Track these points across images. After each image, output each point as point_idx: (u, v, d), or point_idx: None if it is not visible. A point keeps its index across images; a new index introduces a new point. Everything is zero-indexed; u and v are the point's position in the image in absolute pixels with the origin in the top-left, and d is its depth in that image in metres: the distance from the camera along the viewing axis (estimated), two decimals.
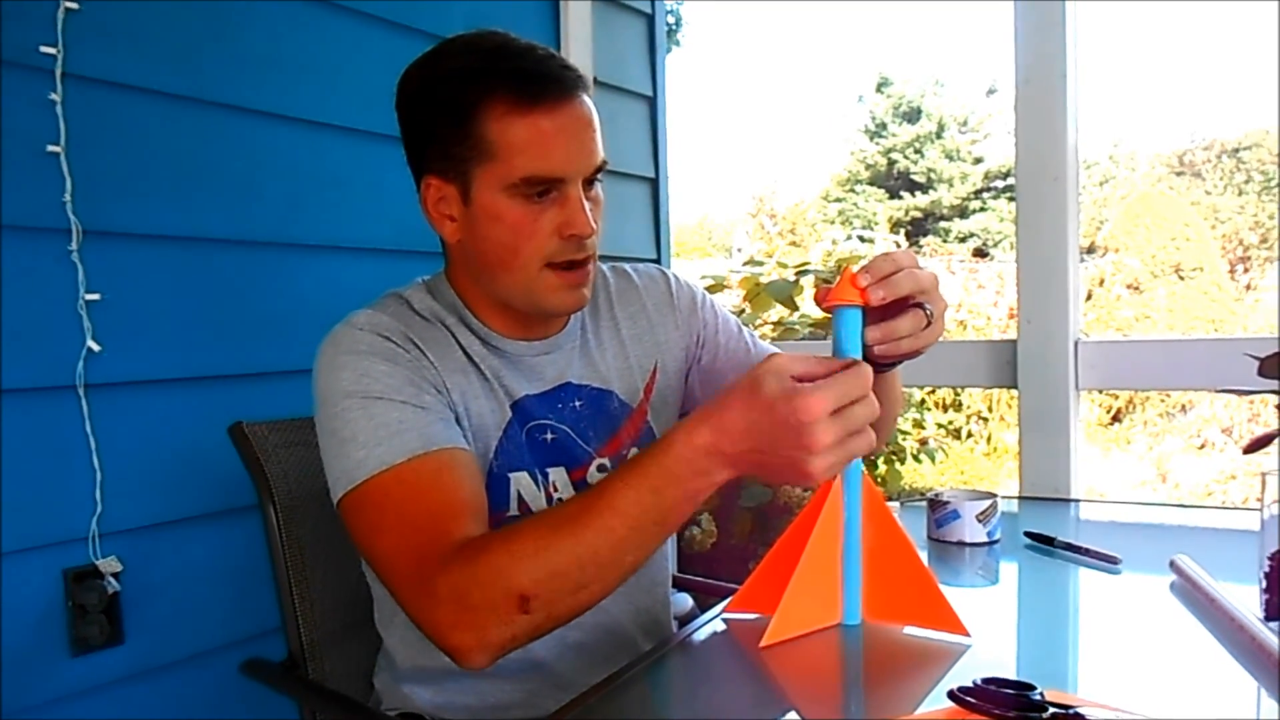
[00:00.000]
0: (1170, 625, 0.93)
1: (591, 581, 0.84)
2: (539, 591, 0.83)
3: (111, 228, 1.43)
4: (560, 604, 0.84)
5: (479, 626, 0.84)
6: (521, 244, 1.00)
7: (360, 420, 0.94)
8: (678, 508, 0.83)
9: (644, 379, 1.19)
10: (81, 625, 1.39)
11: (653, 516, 0.83)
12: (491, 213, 1.00)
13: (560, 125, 0.98)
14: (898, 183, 19.08)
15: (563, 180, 0.99)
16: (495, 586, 0.83)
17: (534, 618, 0.84)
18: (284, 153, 1.68)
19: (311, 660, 1.21)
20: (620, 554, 0.84)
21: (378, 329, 1.01)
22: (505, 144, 0.97)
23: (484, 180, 0.99)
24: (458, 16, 1.93)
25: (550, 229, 1.00)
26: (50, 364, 1.37)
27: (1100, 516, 1.58)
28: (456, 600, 0.84)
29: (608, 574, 0.85)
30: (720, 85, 34.58)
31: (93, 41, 1.40)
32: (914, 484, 4.73)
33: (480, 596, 0.83)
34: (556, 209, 1.00)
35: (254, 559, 1.30)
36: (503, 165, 0.98)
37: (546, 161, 0.98)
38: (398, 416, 0.95)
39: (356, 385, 0.96)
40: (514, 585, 0.83)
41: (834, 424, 0.77)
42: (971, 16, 30.22)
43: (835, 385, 0.77)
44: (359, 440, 0.94)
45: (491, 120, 0.97)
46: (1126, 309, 8.92)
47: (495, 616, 0.83)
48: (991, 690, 0.69)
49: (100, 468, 1.41)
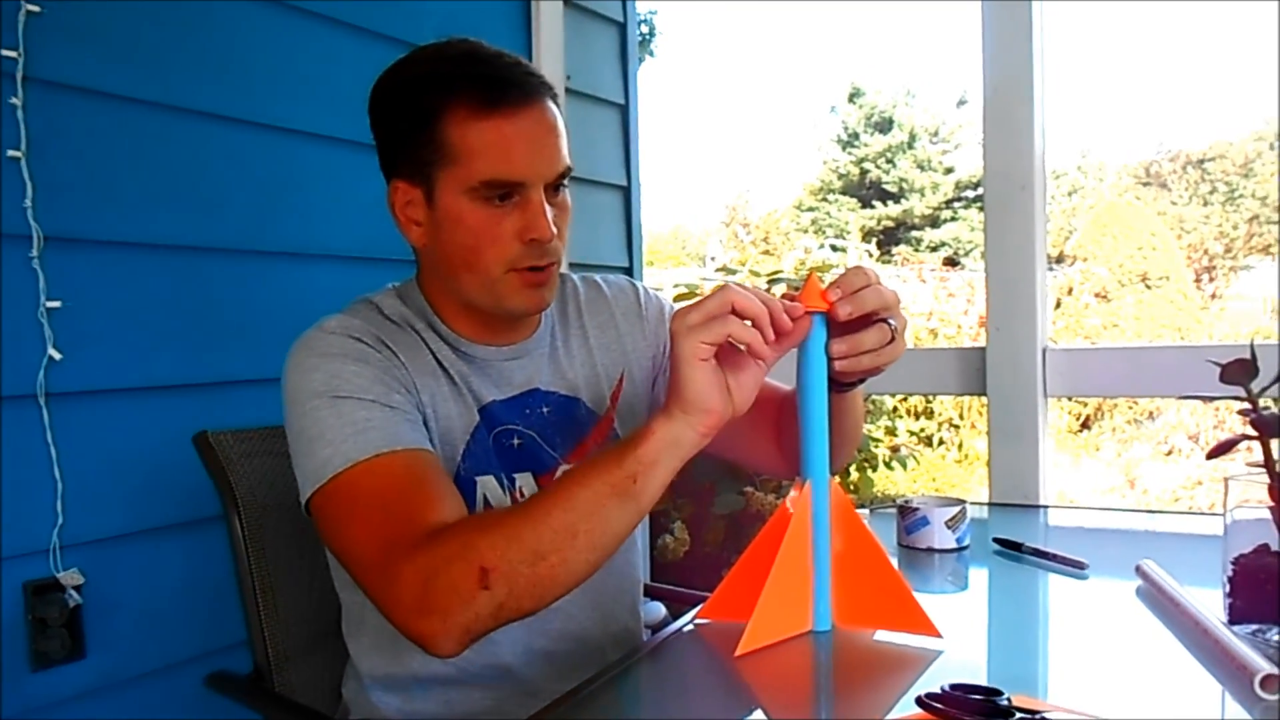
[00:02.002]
0: (1136, 630, 0.93)
1: (550, 551, 0.84)
2: (498, 562, 0.83)
3: (73, 234, 1.40)
4: (520, 576, 0.83)
5: (441, 609, 0.83)
6: (484, 247, 1.00)
7: (329, 419, 0.94)
8: (628, 470, 0.84)
9: (611, 387, 1.20)
10: (42, 639, 1.36)
11: (606, 482, 0.85)
12: (454, 216, 1.00)
13: (520, 129, 0.99)
14: (870, 192, 19.23)
15: (523, 184, 0.99)
16: (458, 561, 0.83)
17: (495, 594, 0.83)
18: (250, 159, 1.66)
19: (278, 672, 1.20)
20: (575, 519, 0.84)
21: (348, 331, 1.01)
22: (466, 147, 0.98)
23: (446, 183, 1.00)
24: (429, 23, 1.93)
25: (512, 233, 1.00)
26: (10, 372, 1.34)
27: (1068, 522, 1.59)
28: (421, 583, 0.84)
29: (564, 544, 0.84)
30: (694, 95, 34.72)
31: (55, 45, 1.38)
32: (886, 491, 4.75)
33: (443, 578, 0.83)
34: (518, 213, 1.00)
35: (219, 570, 1.28)
36: (464, 168, 0.98)
37: (507, 165, 0.98)
38: (365, 415, 0.95)
39: (325, 385, 0.96)
40: (475, 558, 0.83)
41: (688, 311, 0.84)
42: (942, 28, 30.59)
43: (703, 311, 0.84)
44: (326, 438, 0.94)
45: (453, 124, 0.98)
46: (1094, 317, 9.03)
47: (457, 596, 0.83)
48: (959, 696, 0.69)
49: (61, 478, 1.38)
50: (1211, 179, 16.34)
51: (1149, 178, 17.53)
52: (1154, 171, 17.48)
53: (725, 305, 0.83)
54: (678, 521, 2.83)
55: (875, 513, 1.39)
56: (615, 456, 0.85)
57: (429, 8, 1.95)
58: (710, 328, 0.83)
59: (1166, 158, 17.46)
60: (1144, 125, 31.31)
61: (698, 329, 0.83)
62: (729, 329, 0.83)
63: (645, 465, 0.84)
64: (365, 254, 1.83)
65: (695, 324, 0.83)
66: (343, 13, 1.80)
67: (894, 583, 0.89)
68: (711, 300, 0.83)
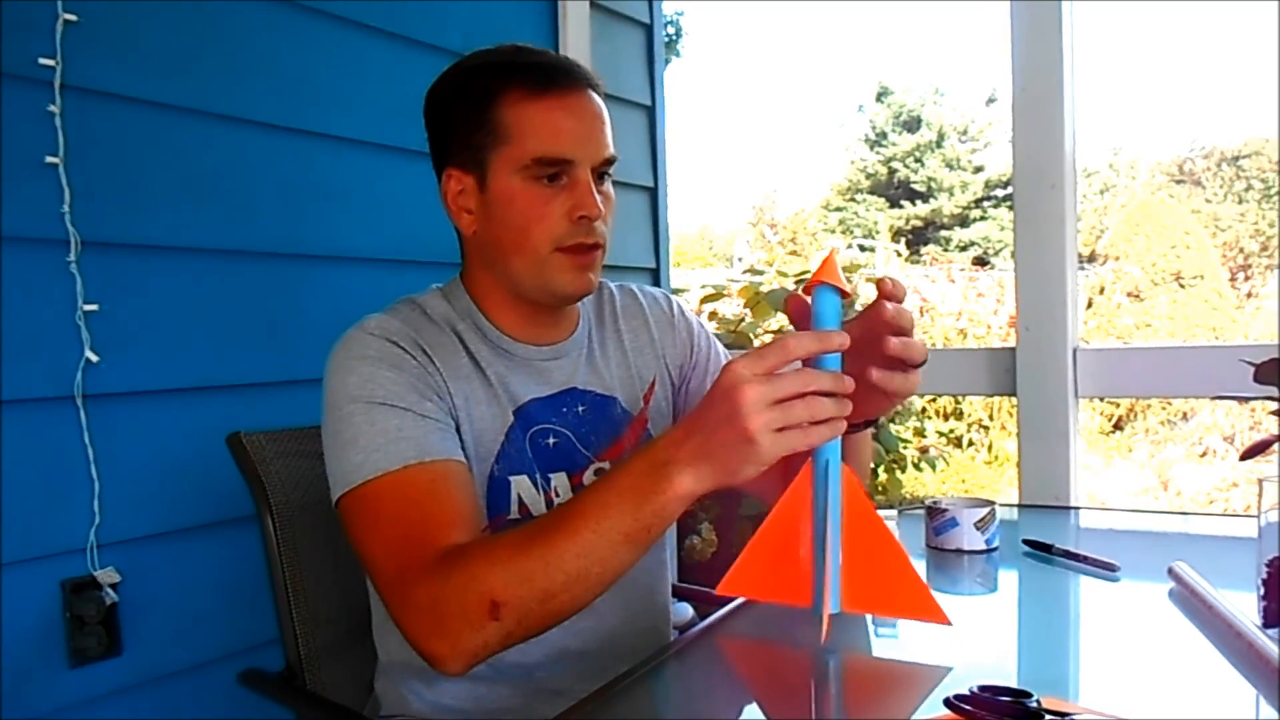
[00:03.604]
0: (1168, 632, 0.93)
1: (560, 591, 0.85)
2: (509, 598, 0.84)
3: (110, 238, 1.43)
4: (530, 612, 0.85)
5: (452, 634, 0.86)
6: (533, 226, 1.04)
7: (362, 425, 0.97)
8: (644, 523, 0.83)
9: (644, 388, 1.22)
10: (79, 636, 1.39)
11: (621, 530, 0.83)
12: (506, 196, 1.04)
13: (570, 110, 1.04)
14: (898, 192, 19.11)
15: (572, 163, 1.03)
16: (468, 592, 0.85)
17: (504, 624, 0.85)
18: (283, 163, 1.68)
19: (309, 670, 1.21)
20: (588, 565, 0.84)
21: (387, 334, 1.04)
22: (518, 126, 1.02)
23: (499, 164, 1.04)
24: (456, 27, 1.94)
25: (561, 212, 1.03)
26: (49, 374, 1.37)
27: (1099, 524, 1.57)
28: (432, 608, 0.86)
29: (576, 585, 0.85)
30: (720, 95, 34.67)
31: (91, 53, 1.40)
32: (915, 493, 4.73)
33: (454, 604, 0.86)
34: (567, 193, 1.03)
35: (252, 569, 1.29)
36: (516, 147, 1.03)
37: (556, 143, 1.02)
38: (397, 424, 0.97)
39: (361, 390, 0.98)
40: (485, 591, 0.85)
41: (767, 409, 0.77)
42: (971, 25, 30.33)
43: (766, 369, 0.78)
44: (359, 444, 0.96)
45: (507, 105, 1.03)
46: (1127, 317, 8.92)
47: (467, 623, 0.85)
48: (987, 697, 0.69)
49: (98, 478, 1.41)
50: (1247, 176, 16.10)
51: (1182, 175, 17.30)
52: (1187, 169, 17.25)
53: (804, 387, 0.78)
54: (705, 523, 2.83)
55: (904, 514, 1.38)
56: (633, 503, 0.83)
57: (457, 11, 1.96)
58: (792, 410, 0.78)
59: (1200, 154, 17.22)
60: (1177, 122, 30.91)
61: (779, 413, 0.78)
62: (814, 413, 0.78)
63: (661, 520, 0.84)
64: (396, 256, 1.84)
65: (769, 405, 0.77)
66: (372, 18, 1.81)
67: (902, 568, 0.86)
68: (787, 382, 0.78)
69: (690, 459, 0.81)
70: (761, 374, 0.78)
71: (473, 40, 1.15)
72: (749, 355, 0.80)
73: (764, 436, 0.77)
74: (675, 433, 0.83)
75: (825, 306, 0.85)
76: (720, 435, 0.79)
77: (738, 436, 0.78)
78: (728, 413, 0.78)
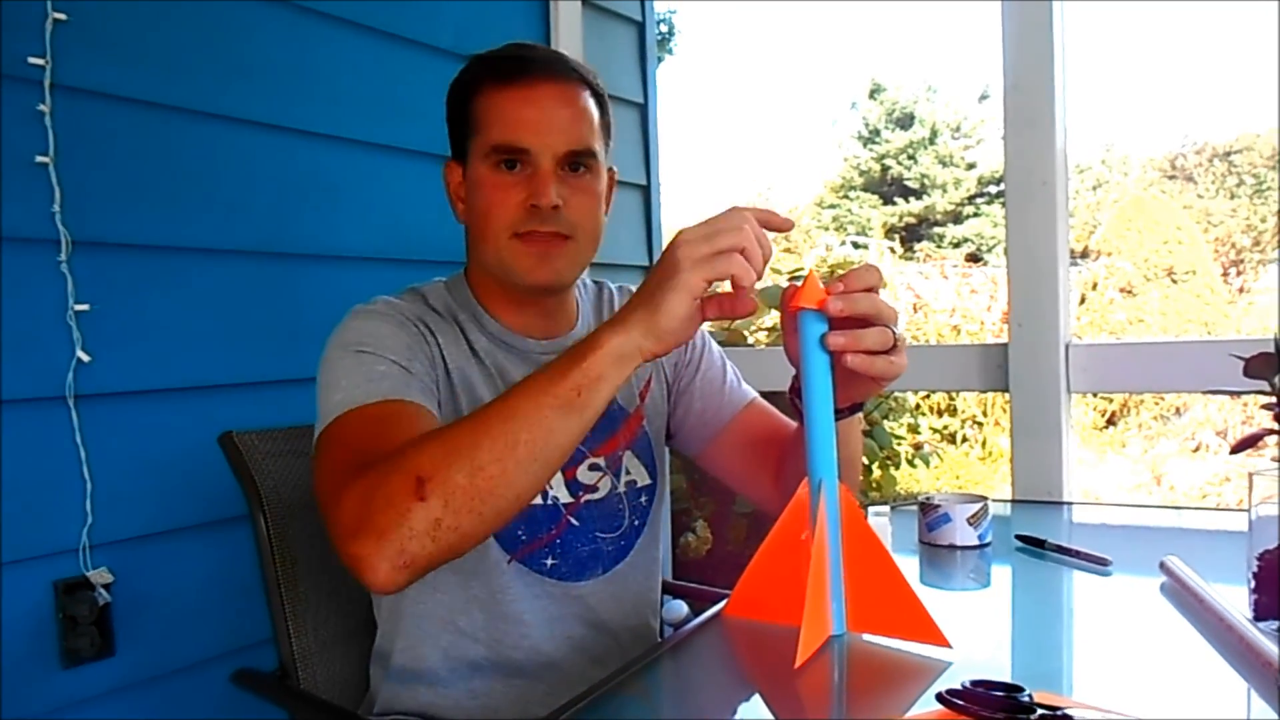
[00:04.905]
0: (1161, 627, 0.93)
1: (489, 463, 0.81)
2: (434, 471, 0.80)
3: (101, 238, 1.42)
4: (458, 488, 0.80)
5: (378, 529, 0.80)
6: (493, 211, 1.07)
7: (348, 367, 0.98)
8: (574, 383, 0.83)
9: (640, 385, 1.22)
10: (72, 637, 1.39)
11: (549, 392, 0.83)
12: (475, 181, 1.09)
13: (532, 100, 1.06)
14: (891, 188, 19.12)
15: (529, 151, 1.05)
16: (395, 473, 0.81)
17: (431, 507, 0.79)
18: (274, 162, 1.68)
19: (303, 670, 1.21)
20: (516, 430, 0.82)
21: (394, 306, 1.08)
22: (485, 116, 1.07)
23: (474, 153, 1.09)
24: (447, 26, 1.94)
25: (516, 200, 1.06)
26: (40, 375, 1.36)
27: (1092, 519, 1.58)
28: (359, 502, 0.81)
29: (506, 456, 0.81)
30: (713, 93, 34.65)
31: (81, 52, 1.39)
32: (909, 489, 4.73)
33: (380, 492, 0.81)
34: (525, 182, 1.06)
35: (245, 569, 1.29)
36: (483, 136, 1.07)
37: (513, 131, 1.05)
38: (382, 369, 0.98)
39: (354, 339, 1.01)
40: (411, 468, 0.80)
41: (698, 245, 0.82)
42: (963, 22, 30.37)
43: (703, 229, 0.83)
44: (340, 385, 0.97)
45: (480, 97, 1.08)
46: (1120, 312, 8.94)
47: (393, 510, 0.79)
48: (980, 692, 0.69)
49: (90, 478, 1.40)
50: (1239, 171, 16.14)
51: (1174, 171, 17.33)
52: (1179, 164, 17.28)
53: (737, 244, 0.82)
54: (700, 520, 2.84)
55: (897, 510, 1.38)
56: (561, 368, 0.83)
57: (448, 10, 1.96)
58: (715, 264, 0.82)
59: (1192, 150, 17.26)
60: (1169, 118, 30.93)
61: (704, 264, 0.82)
62: (732, 269, 0.82)
63: (591, 379, 0.83)
64: (389, 255, 1.84)
65: (702, 258, 0.82)
66: (362, 16, 1.81)
67: (902, 590, 0.87)
68: (724, 236, 0.82)
69: (620, 317, 0.85)
70: (703, 233, 0.83)
71: (464, 39, 1.16)
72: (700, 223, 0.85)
73: (686, 264, 0.82)
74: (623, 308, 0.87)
75: (809, 327, 0.86)
76: (651, 282, 0.85)
77: (666, 273, 0.83)
78: (662, 262, 0.84)
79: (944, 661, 0.84)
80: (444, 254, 1.17)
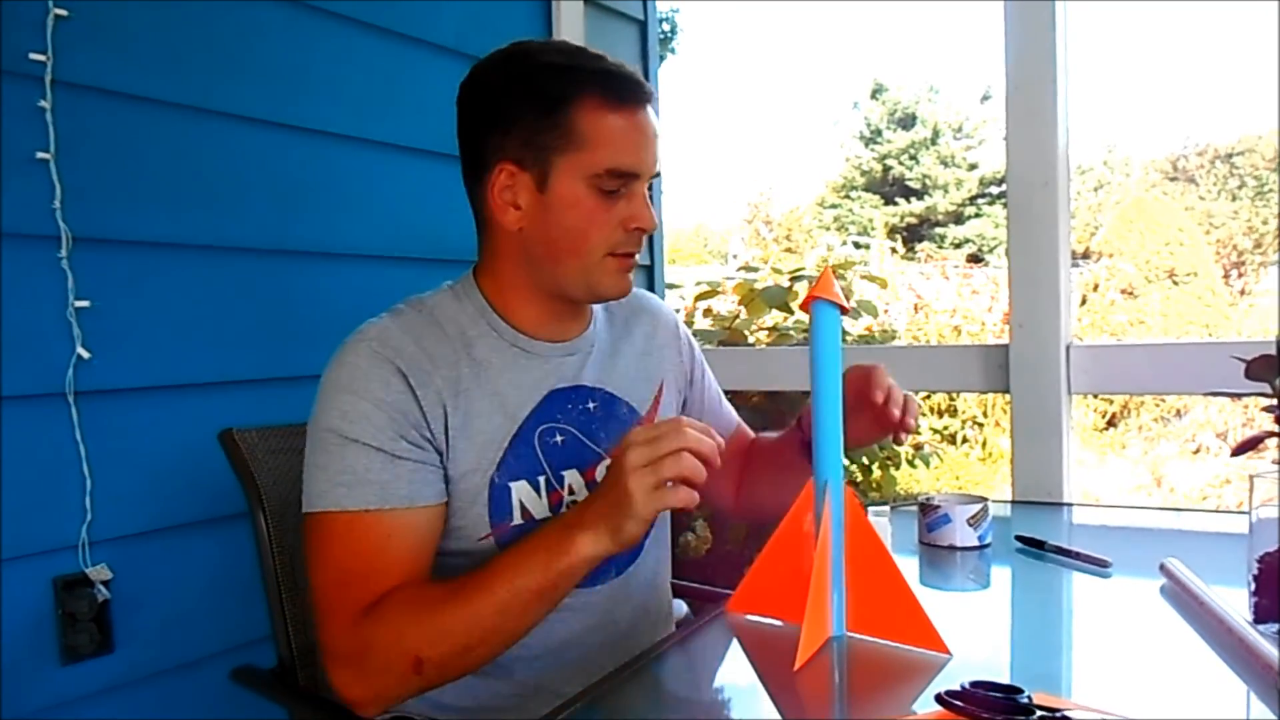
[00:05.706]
0: (1160, 628, 0.93)
1: (478, 645, 0.94)
2: (432, 655, 0.92)
3: (101, 234, 1.42)
4: (450, 665, 0.94)
5: (375, 685, 0.94)
6: (592, 232, 1.06)
7: (335, 454, 1.00)
8: (553, 581, 0.93)
9: (652, 390, 1.24)
10: (71, 634, 1.38)
11: (531, 589, 0.92)
12: (569, 200, 1.05)
13: (640, 126, 1.07)
14: (893, 189, 19.14)
15: (637, 176, 1.07)
16: (393, 649, 0.93)
17: (426, 677, 0.94)
18: (275, 159, 1.68)
19: (302, 667, 1.21)
20: (504, 621, 0.93)
21: (384, 348, 1.02)
22: (595, 136, 1.04)
23: (566, 169, 1.04)
24: (449, 23, 1.94)
25: (617, 221, 1.07)
26: (40, 371, 1.36)
27: (1092, 520, 1.58)
28: (358, 660, 0.94)
29: (493, 639, 0.94)
30: (715, 92, 34.64)
31: (82, 48, 1.39)
32: (909, 489, 4.73)
33: (379, 659, 0.93)
34: (624, 203, 1.07)
35: (244, 566, 1.29)
36: (589, 155, 1.04)
37: (629, 156, 1.05)
38: (365, 464, 0.99)
39: (339, 424, 1.00)
40: (410, 649, 0.92)
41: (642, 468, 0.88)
42: (965, 23, 30.36)
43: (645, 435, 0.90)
44: (328, 472, 0.99)
45: (584, 113, 1.03)
46: (1121, 313, 8.94)
47: (391, 675, 0.94)
48: (979, 694, 0.69)
49: (90, 475, 1.40)
50: (1240, 173, 16.14)
51: (1176, 172, 17.34)
52: (1181, 166, 17.29)
53: (679, 444, 0.88)
54: (699, 520, 2.83)
55: (897, 510, 1.38)
56: (542, 564, 0.92)
57: (449, 8, 1.95)
58: (662, 467, 0.88)
59: (1194, 152, 17.27)
60: (1171, 119, 30.93)
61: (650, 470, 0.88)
62: (681, 469, 0.88)
63: (568, 579, 0.93)
64: (389, 253, 1.84)
65: (646, 464, 0.88)
66: (364, 13, 1.81)
67: (904, 595, 0.88)
68: (665, 440, 0.89)
69: (590, 523, 0.92)
70: (645, 439, 0.89)
71: (466, 37, 1.15)
72: (643, 426, 0.92)
73: (639, 493, 0.88)
74: (586, 499, 0.96)
75: (823, 321, 0.86)
76: (609, 497, 0.91)
77: (619, 495, 0.89)
78: (615, 475, 0.90)
79: (943, 661, 0.84)
80: (445, 252, 1.16)
